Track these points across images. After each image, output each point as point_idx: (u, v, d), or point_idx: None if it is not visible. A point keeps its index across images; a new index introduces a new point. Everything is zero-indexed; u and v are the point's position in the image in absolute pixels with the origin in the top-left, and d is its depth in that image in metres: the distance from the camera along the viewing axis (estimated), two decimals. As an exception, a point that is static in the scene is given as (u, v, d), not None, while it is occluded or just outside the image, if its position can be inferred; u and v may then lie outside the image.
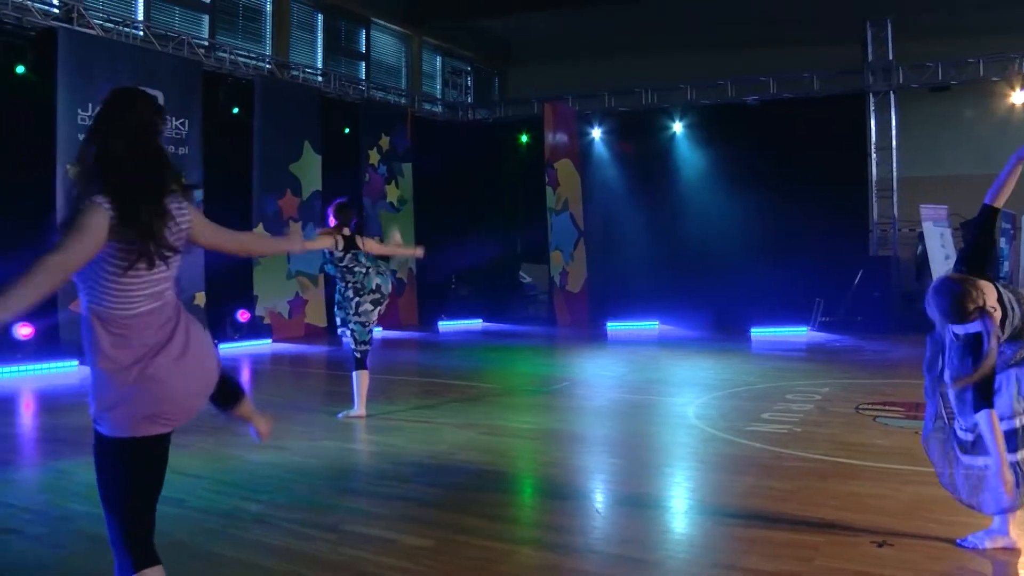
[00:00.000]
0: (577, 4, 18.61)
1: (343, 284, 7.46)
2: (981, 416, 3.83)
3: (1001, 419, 3.96)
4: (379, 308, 7.54)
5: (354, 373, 7.65)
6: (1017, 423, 4.04)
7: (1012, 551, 4.08)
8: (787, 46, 18.42)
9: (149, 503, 2.84)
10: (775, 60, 17.92)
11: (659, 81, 18.51)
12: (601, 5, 18.50)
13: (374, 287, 7.46)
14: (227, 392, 3.25)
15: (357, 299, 7.43)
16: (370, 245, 7.59)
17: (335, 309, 7.67)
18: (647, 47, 19.92)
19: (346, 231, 7.35)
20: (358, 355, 7.58)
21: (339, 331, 7.72)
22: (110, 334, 2.66)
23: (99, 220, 2.55)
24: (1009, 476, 3.82)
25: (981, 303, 3.84)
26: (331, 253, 7.34)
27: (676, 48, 19.69)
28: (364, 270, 7.43)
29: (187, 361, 2.77)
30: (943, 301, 3.95)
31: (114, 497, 2.76)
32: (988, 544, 4.14)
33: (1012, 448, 3.98)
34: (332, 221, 7.42)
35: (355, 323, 7.50)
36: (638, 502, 5.11)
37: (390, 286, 7.66)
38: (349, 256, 7.36)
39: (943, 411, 4.25)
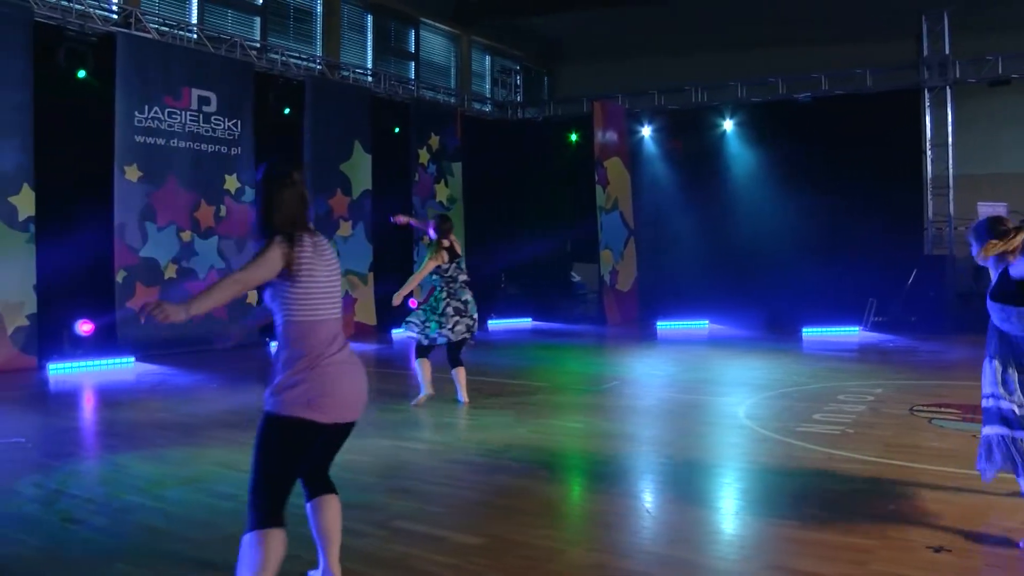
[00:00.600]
0: (625, 2, 18.52)
1: (440, 288, 8.05)
2: None
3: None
4: (462, 319, 8.02)
5: (416, 361, 8.15)
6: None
7: None
8: (839, 42, 18.13)
9: (286, 478, 3.41)
10: (827, 56, 17.65)
11: (709, 79, 18.36)
12: (650, 3, 18.39)
13: (463, 300, 8.06)
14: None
15: (448, 300, 7.99)
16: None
17: (421, 305, 8.20)
18: (696, 44, 19.75)
19: (445, 242, 7.95)
20: (424, 343, 8.08)
21: (404, 322, 8.11)
22: (301, 336, 3.40)
23: (276, 253, 3.34)
24: None
25: (1019, 222, 4.36)
26: (439, 266, 7.98)
27: (726, 45, 19.49)
28: (466, 278, 8.14)
29: (352, 368, 3.51)
30: (981, 225, 4.44)
31: (260, 464, 3.37)
32: None
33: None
34: (433, 234, 8.03)
35: (435, 320, 7.97)
36: (688, 502, 5.08)
37: (477, 313, 8.21)
38: (454, 266, 8.04)
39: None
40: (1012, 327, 4.38)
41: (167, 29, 13.18)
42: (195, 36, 13.55)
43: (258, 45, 14.84)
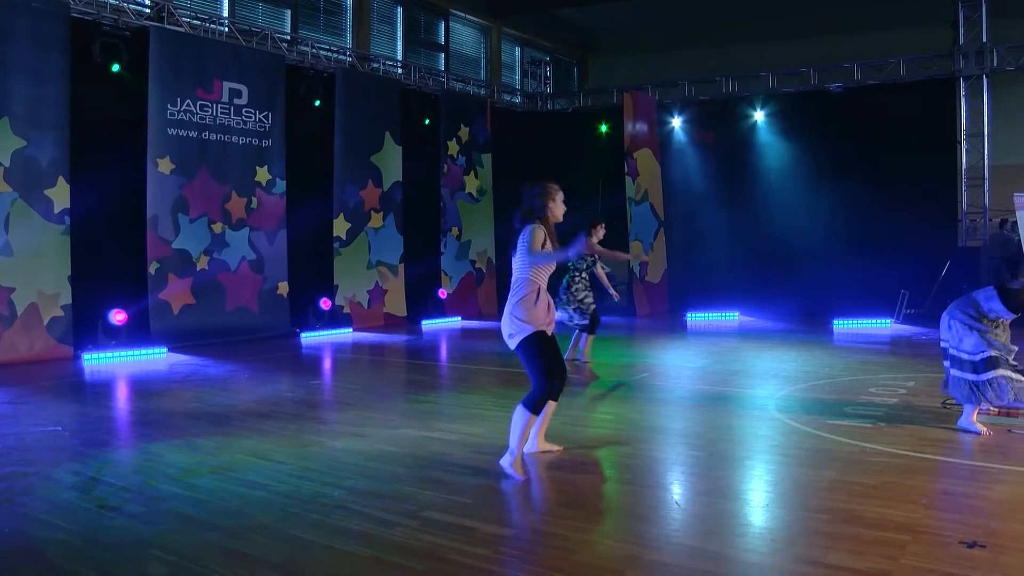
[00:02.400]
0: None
1: (578, 274, 10.23)
2: None
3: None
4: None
5: (584, 334, 10.37)
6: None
7: None
8: (872, 30, 17.93)
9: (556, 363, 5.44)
10: (860, 45, 17.47)
11: (740, 69, 18.22)
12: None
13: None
14: None
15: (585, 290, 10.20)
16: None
17: (561, 294, 10.13)
18: (728, 35, 19.62)
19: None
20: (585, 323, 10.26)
21: (565, 310, 10.14)
22: (540, 290, 5.34)
23: (541, 233, 5.34)
24: None
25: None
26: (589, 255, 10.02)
27: (757, 35, 19.35)
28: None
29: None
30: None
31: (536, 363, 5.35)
32: None
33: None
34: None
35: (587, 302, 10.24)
36: (718, 494, 5.06)
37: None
38: (591, 260, 10.22)
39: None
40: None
41: (199, 23, 13.30)
42: (226, 29, 13.65)
43: (289, 38, 14.93)
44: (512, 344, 5.36)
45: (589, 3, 19.16)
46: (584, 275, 10.27)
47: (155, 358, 11.15)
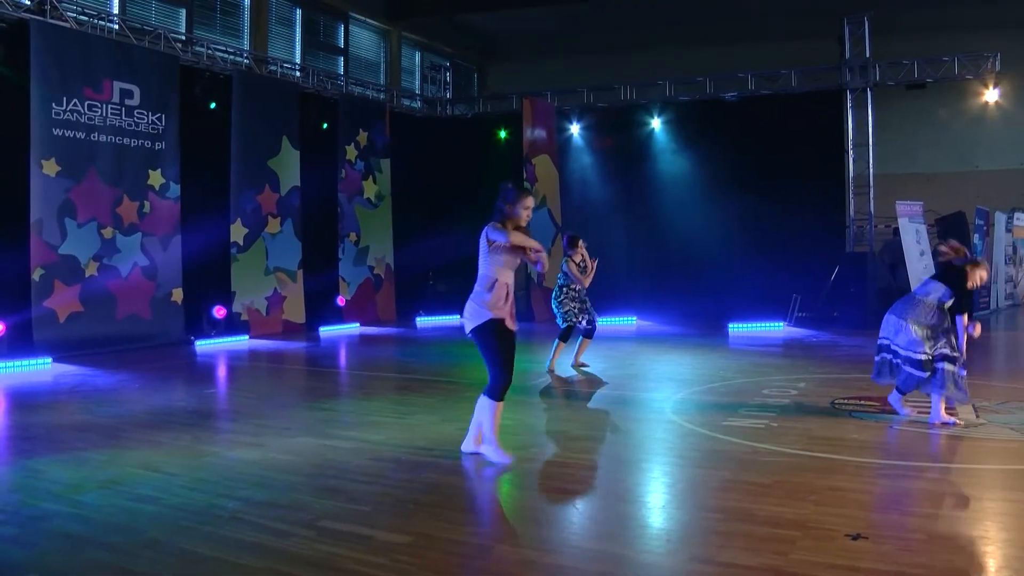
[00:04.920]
0: (557, 0, 18.58)
1: (568, 287, 10.51)
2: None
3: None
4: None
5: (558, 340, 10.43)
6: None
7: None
8: (766, 42, 18.48)
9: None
10: (753, 56, 17.98)
11: (638, 77, 18.53)
12: (581, 1, 18.49)
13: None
14: None
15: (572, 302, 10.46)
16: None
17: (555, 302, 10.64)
18: (627, 43, 19.94)
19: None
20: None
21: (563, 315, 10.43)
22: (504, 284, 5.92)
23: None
24: None
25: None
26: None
27: (655, 44, 19.72)
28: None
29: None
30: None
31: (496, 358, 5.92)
32: None
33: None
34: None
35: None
36: (615, 497, 5.12)
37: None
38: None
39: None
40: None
41: (87, 19, 12.79)
42: (117, 27, 13.18)
43: (183, 38, 14.52)
44: (467, 329, 5.99)
45: (489, 9, 19.22)
46: (572, 289, 10.54)
47: (39, 369, 10.67)
